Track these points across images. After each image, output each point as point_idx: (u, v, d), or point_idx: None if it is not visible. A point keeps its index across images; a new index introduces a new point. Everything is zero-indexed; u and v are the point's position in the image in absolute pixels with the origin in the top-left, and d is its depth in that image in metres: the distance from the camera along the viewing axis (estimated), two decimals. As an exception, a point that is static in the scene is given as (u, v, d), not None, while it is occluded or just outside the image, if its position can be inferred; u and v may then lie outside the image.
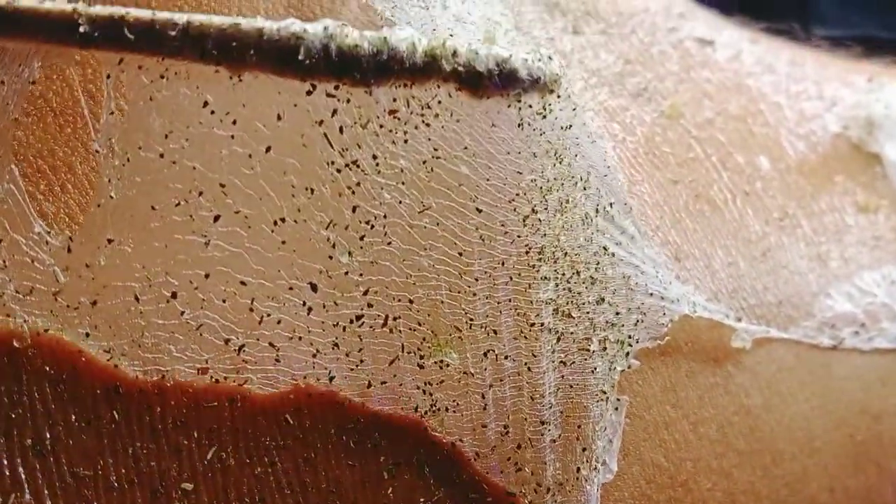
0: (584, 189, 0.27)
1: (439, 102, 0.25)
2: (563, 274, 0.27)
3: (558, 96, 0.26)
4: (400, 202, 0.25)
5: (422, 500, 0.26)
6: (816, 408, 0.34)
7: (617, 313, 0.28)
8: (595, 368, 0.27)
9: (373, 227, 0.25)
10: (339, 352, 0.25)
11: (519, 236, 0.26)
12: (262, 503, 0.25)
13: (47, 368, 0.24)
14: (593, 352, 0.27)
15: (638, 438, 0.30)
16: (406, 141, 0.25)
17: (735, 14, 0.41)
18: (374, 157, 0.25)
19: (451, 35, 0.26)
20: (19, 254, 0.24)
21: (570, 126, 0.27)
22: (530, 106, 0.26)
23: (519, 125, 0.26)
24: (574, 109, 0.27)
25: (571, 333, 0.27)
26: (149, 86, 0.24)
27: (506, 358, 0.26)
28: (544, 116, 0.26)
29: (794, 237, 0.35)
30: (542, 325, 0.27)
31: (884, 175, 0.37)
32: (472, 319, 0.26)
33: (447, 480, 0.26)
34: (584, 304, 0.27)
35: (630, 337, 0.28)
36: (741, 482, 0.33)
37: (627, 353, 0.28)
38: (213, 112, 0.24)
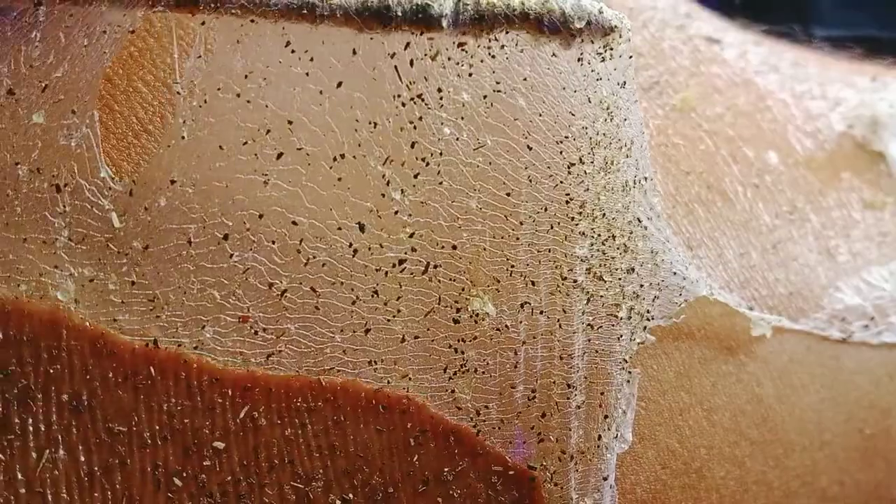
0: (627, 156, 0.29)
1: (506, 33, 0.27)
2: (599, 235, 0.29)
3: (620, 35, 0.28)
4: (457, 138, 0.27)
5: (446, 469, 0.27)
6: (826, 400, 0.35)
7: (641, 286, 0.30)
8: (621, 336, 0.29)
9: (428, 164, 0.27)
10: (377, 300, 0.27)
11: (562, 182, 0.28)
12: (290, 465, 0.26)
13: (87, 324, 0.25)
14: (621, 319, 0.29)
15: (653, 423, 0.32)
16: (471, 74, 0.27)
17: (735, 13, 0.42)
18: (439, 90, 0.27)
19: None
20: (80, 199, 0.25)
21: (625, 83, 0.29)
22: (592, 42, 0.28)
23: (578, 60, 0.28)
24: (630, 59, 0.29)
25: (601, 297, 0.29)
26: (238, 29, 0.26)
27: (541, 313, 0.28)
28: (603, 59, 0.28)
29: (804, 230, 0.36)
30: (576, 282, 0.28)
31: (889, 173, 0.39)
32: (512, 267, 0.28)
33: (471, 451, 0.27)
34: (616, 269, 0.29)
35: (648, 311, 0.30)
36: (753, 472, 0.34)
37: (645, 328, 0.30)
38: (293, 51, 0.26)
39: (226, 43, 0.26)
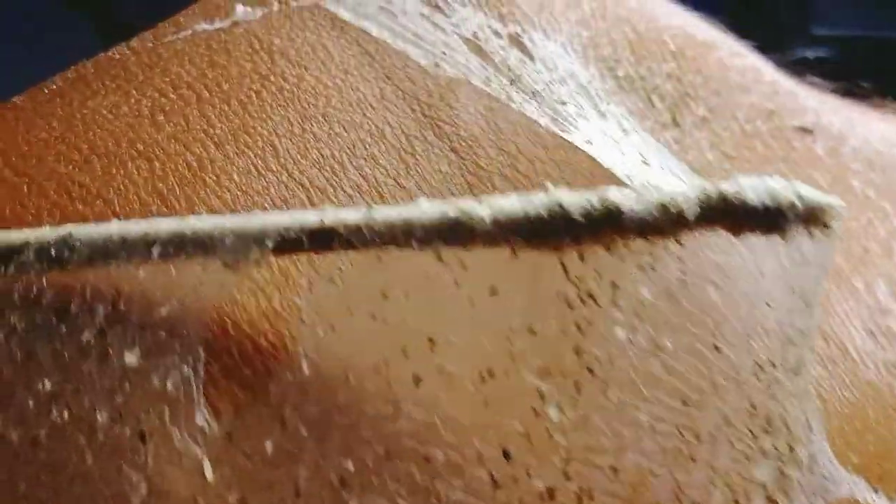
0: (812, 351, 0.25)
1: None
2: (781, 452, 0.25)
3: (834, 212, 0.23)
4: (631, 341, 0.23)
5: None
6: None
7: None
8: (788, 567, 0.25)
9: (594, 373, 0.23)
10: None
11: (747, 388, 0.24)
12: None
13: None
14: None
15: None
16: (653, 267, 0.23)
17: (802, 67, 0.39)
18: (614, 285, 0.22)
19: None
20: (167, 448, 0.22)
21: (828, 268, 0.25)
22: (802, 219, 0.23)
23: (785, 239, 0.23)
24: (840, 240, 0.25)
25: None
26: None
27: None
28: (814, 239, 0.23)
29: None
30: None
31: None
32: (681, 492, 0.24)
33: None
34: (791, 489, 0.25)
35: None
36: None
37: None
38: (442, 261, 0.22)
39: (364, 261, 0.22)
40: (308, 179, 0.26)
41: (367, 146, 0.27)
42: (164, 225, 0.22)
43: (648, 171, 0.28)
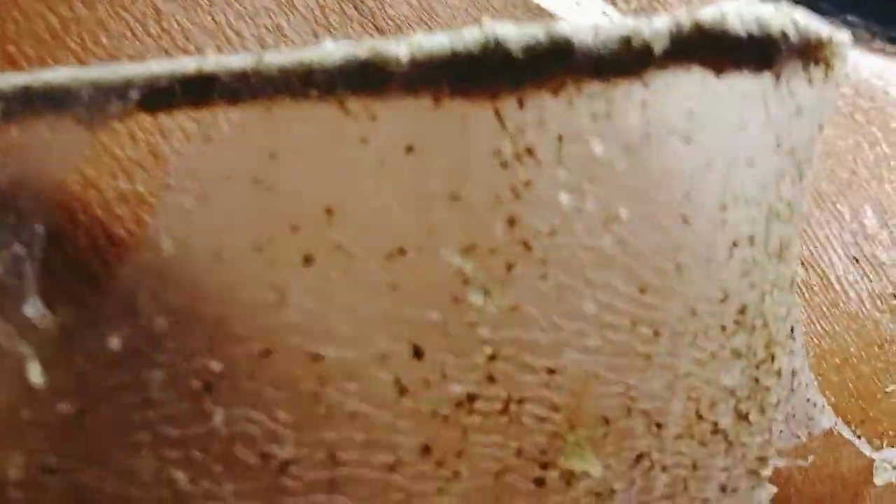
0: (799, 233, 0.22)
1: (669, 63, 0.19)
2: (756, 354, 0.21)
3: (836, 50, 0.20)
4: (579, 210, 0.19)
5: None
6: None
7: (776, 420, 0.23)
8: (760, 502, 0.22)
9: (530, 250, 0.19)
10: (427, 461, 0.19)
11: (718, 270, 0.20)
12: None
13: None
14: (763, 477, 0.22)
15: None
16: (609, 114, 0.18)
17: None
18: (560, 138, 0.18)
19: None
20: None
21: (822, 127, 0.21)
22: (797, 57, 0.20)
23: (776, 79, 0.19)
24: (837, 88, 0.21)
25: (743, 446, 0.21)
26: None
27: (663, 469, 0.21)
28: (810, 82, 0.20)
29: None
30: (716, 425, 0.21)
31: None
32: (633, 401, 0.20)
33: None
34: (768, 405, 0.22)
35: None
36: None
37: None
38: (347, 113, 0.18)
39: (250, 116, 0.18)
40: (195, 47, 0.23)
41: (273, 15, 0.24)
42: (10, 79, 0.18)
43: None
